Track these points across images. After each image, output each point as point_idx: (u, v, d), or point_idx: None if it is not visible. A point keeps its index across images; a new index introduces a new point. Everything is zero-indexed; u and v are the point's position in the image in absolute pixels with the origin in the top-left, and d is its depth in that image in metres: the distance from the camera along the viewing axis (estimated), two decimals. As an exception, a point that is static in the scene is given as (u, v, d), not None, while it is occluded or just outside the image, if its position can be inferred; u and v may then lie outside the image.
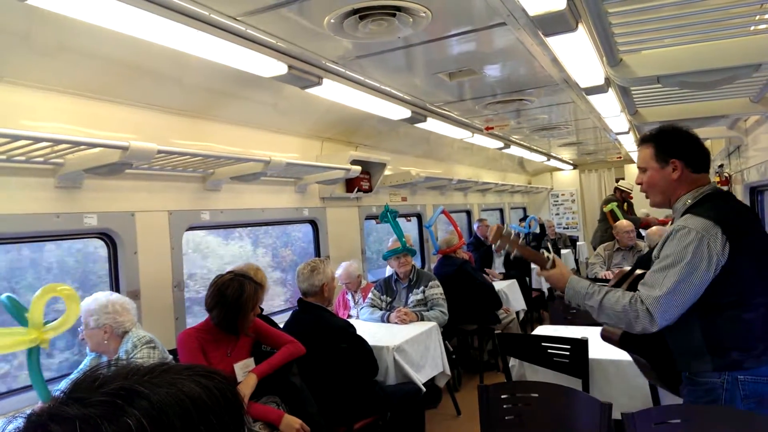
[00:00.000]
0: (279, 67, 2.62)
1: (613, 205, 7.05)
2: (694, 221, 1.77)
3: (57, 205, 2.63)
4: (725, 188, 4.37)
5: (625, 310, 1.78)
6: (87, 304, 2.50)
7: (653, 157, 1.94)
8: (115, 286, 2.94)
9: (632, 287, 1.92)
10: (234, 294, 2.55)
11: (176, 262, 3.23)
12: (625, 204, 7.51)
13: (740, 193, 3.86)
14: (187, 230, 3.36)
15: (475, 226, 7.28)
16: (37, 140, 2.20)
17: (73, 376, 2.53)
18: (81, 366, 2.60)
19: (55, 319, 2.37)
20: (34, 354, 2.30)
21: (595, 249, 7.61)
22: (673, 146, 1.93)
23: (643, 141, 2.00)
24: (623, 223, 5.65)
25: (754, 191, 3.55)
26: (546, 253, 2.08)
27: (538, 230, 8.24)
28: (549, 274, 2.06)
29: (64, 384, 2.42)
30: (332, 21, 2.30)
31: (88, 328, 2.49)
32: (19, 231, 2.52)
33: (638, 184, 2.03)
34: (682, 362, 1.85)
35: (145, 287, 3.01)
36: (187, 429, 0.58)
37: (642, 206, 9.38)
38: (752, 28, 1.84)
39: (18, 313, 2.27)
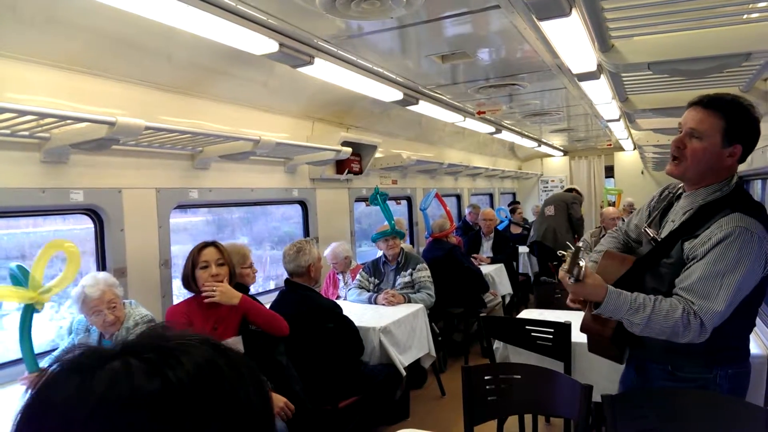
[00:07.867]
0: (270, 45, 2.58)
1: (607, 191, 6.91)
2: (752, 223, 1.59)
3: (42, 180, 2.60)
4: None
5: (677, 324, 1.57)
6: (107, 278, 2.53)
7: (720, 131, 1.64)
8: (102, 264, 2.92)
9: (637, 274, 1.79)
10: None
11: (163, 240, 3.21)
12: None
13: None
14: (175, 208, 3.34)
15: (467, 212, 7.31)
16: (23, 113, 2.16)
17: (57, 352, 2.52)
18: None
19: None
20: (27, 316, 2.30)
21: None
22: (744, 129, 1.67)
23: (712, 106, 1.67)
24: (609, 210, 5.70)
25: (740, 180, 3.57)
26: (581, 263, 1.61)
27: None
28: (579, 290, 1.66)
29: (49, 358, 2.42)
30: (325, -1, 2.27)
31: (119, 302, 2.51)
32: (3, 205, 2.49)
33: (677, 146, 1.72)
34: (669, 358, 1.75)
35: (131, 265, 2.99)
36: (227, 393, 0.57)
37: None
38: (744, 16, 1.85)
39: (26, 280, 2.29)
